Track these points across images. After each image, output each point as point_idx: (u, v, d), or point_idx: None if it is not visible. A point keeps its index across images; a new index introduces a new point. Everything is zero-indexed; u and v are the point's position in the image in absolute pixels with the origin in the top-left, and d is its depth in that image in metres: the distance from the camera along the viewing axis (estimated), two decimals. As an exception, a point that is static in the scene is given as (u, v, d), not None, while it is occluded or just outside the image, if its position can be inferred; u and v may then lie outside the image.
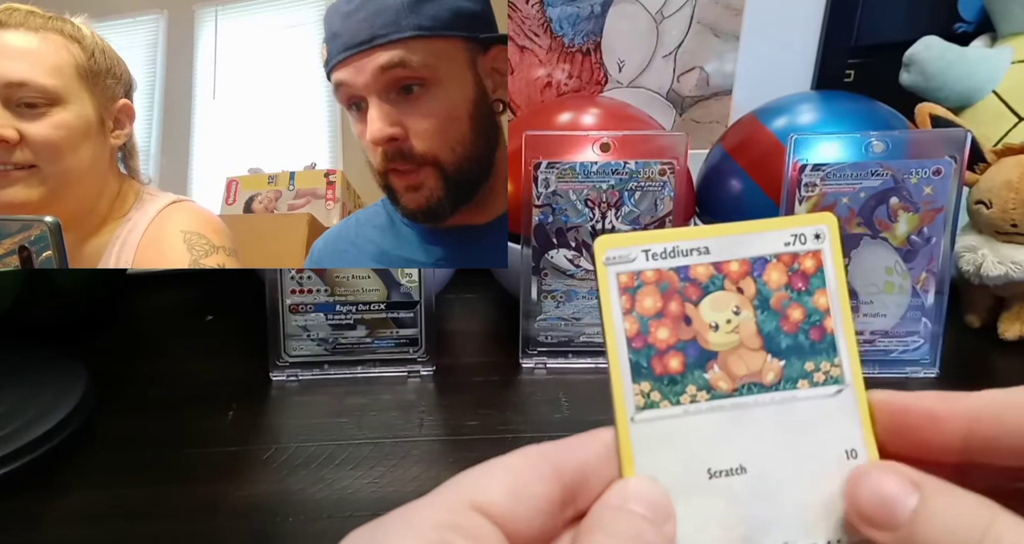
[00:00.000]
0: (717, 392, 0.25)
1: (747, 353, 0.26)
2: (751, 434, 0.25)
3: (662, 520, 0.24)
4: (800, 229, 0.26)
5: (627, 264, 0.26)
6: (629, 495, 0.24)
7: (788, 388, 0.26)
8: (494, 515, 0.23)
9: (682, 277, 0.26)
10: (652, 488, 0.25)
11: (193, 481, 0.54)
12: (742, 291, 0.26)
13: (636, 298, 0.26)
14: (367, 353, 0.67)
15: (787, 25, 0.92)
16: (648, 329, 0.26)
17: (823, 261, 0.26)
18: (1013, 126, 0.80)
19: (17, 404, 0.57)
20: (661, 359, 0.25)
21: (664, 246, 0.26)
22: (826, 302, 0.26)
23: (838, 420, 0.25)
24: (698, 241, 0.26)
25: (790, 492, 0.25)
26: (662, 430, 0.25)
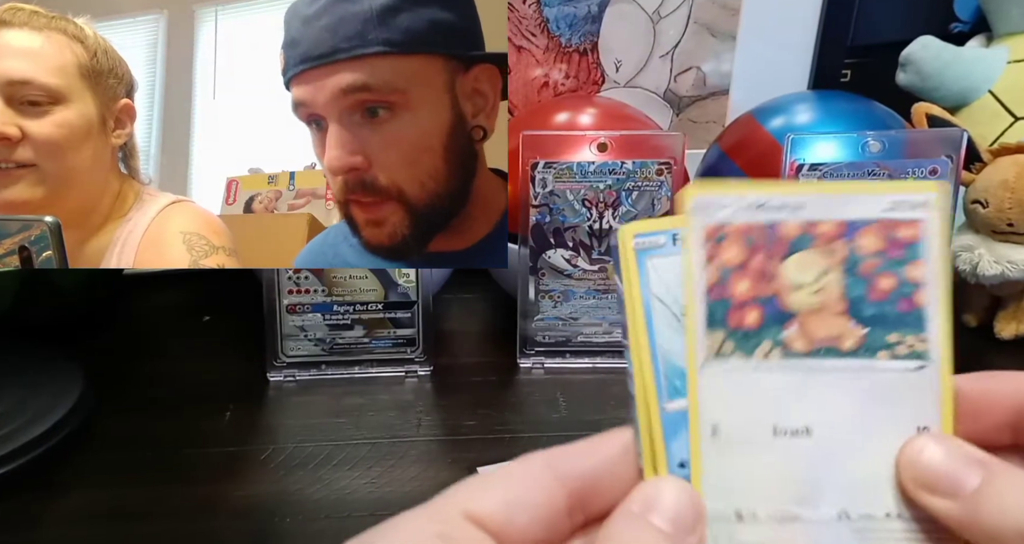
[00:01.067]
0: (792, 352, 0.25)
1: (829, 316, 0.25)
2: (822, 398, 0.25)
3: (685, 531, 0.23)
4: (904, 196, 0.25)
5: (715, 213, 0.25)
6: (652, 502, 0.23)
7: (867, 357, 0.25)
8: (488, 525, 0.23)
9: (770, 232, 0.25)
10: (679, 492, 0.24)
11: (191, 481, 0.54)
12: (831, 253, 0.25)
13: (720, 248, 0.25)
14: (365, 353, 0.67)
15: (784, 25, 0.92)
16: (728, 280, 0.25)
17: (924, 231, 0.25)
18: (1009, 126, 0.80)
19: (16, 404, 0.57)
20: (738, 311, 0.25)
21: (756, 198, 0.25)
22: (921, 274, 0.25)
23: (916, 396, 0.25)
24: (792, 197, 0.25)
25: (852, 460, 0.24)
26: (730, 382, 0.25)
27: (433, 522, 0.23)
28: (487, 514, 0.23)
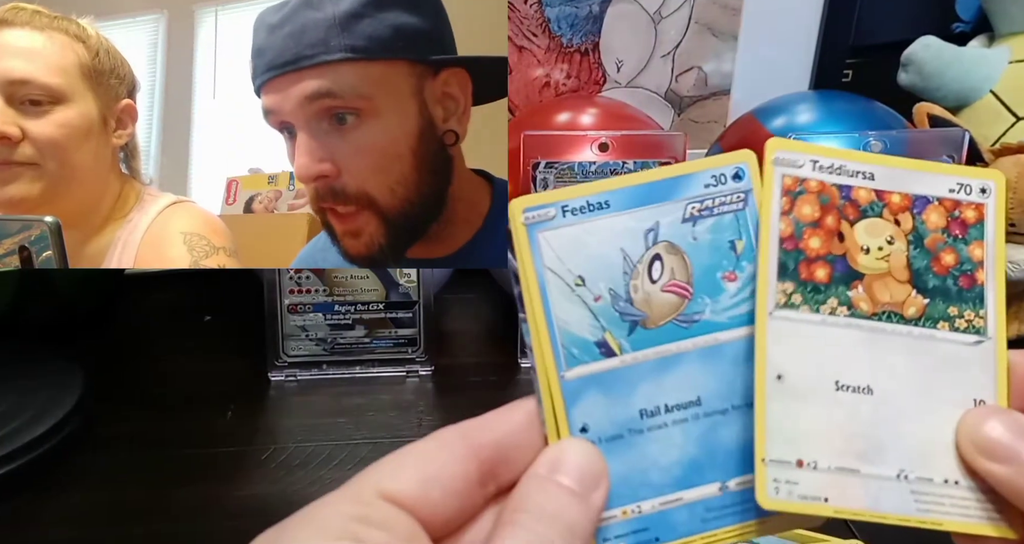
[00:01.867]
0: (857, 311, 0.26)
1: (893, 283, 0.26)
2: (883, 359, 0.26)
3: (590, 488, 0.24)
4: (968, 180, 0.27)
5: (794, 169, 0.26)
6: (557, 463, 0.24)
7: (928, 326, 0.26)
8: (404, 502, 0.23)
9: (843, 195, 0.26)
10: (582, 452, 0.24)
11: (192, 481, 0.54)
12: (899, 223, 0.26)
13: (796, 203, 0.26)
14: (365, 353, 0.67)
15: (785, 25, 0.92)
16: (802, 234, 0.26)
17: (985, 215, 0.27)
18: (1011, 126, 0.79)
19: (15, 404, 0.57)
20: (809, 265, 0.26)
21: (832, 161, 0.26)
22: (981, 254, 0.26)
23: (973, 369, 0.26)
24: (867, 165, 0.26)
25: (912, 423, 0.25)
26: (797, 332, 0.25)
27: (349, 505, 0.23)
28: (402, 491, 0.23)
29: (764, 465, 0.25)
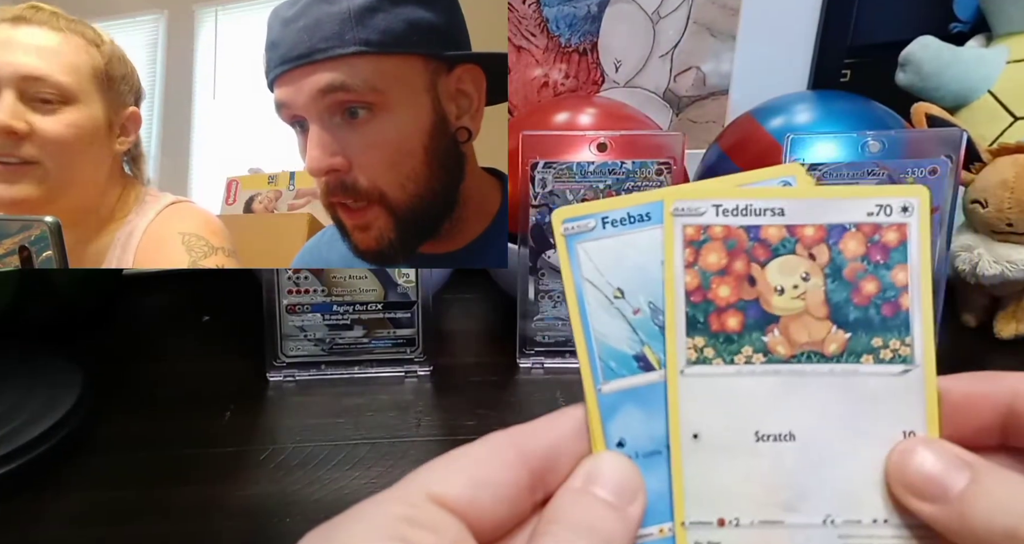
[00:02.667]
0: (774, 356, 0.25)
1: (811, 321, 0.25)
2: (805, 402, 0.25)
3: (627, 502, 0.24)
4: (887, 200, 0.25)
5: (695, 217, 0.25)
6: (593, 476, 0.24)
7: (851, 361, 0.25)
8: (453, 506, 0.23)
9: (752, 236, 0.25)
10: (619, 466, 0.24)
11: (190, 481, 0.54)
12: (814, 257, 0.25)
13: (700, 252, 0.25)
14: (364, 353, 0.67)
15: (783, 25, 0.92)
16: (709, 284, 0.25)
17: (908, 235, 0.25)
18: (1009, 125, 0.80)
19: (15, 404, 0.57)
20: (719, 316, 0.25)
21: (736, 203, 0.25)
22: (905, 278, 0.25)
23: (901, 400, 0.25)
24: (775, 201, 0.25)
25: (838, 465, 0.25)
26: (712, 386, 0.25)
27: (398, 505, 0.23)
28: (452, 495, 0.23)
29: (684, 529, 0.24)
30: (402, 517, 0.22)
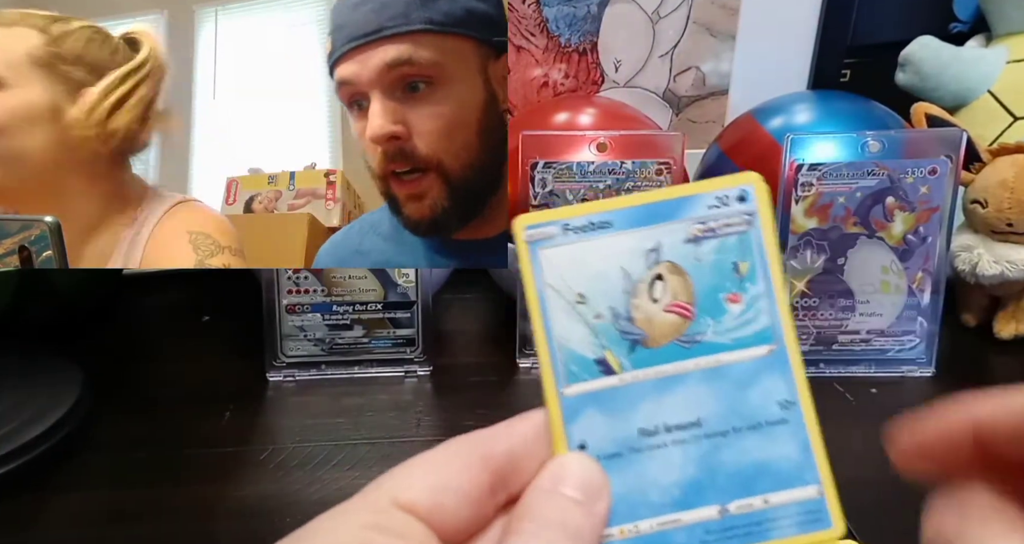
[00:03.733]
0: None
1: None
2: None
3: (594, 498, 0.24)
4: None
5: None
6: (560, 476, 0.25)
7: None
8: (419, 511, 0.23)
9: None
10: (584, 466, 0.25)
11: (190, 482, 0.54)
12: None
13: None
14: (364, 353, 0.67)
15: (783, 25, 0.92)
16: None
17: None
18: (1008, 125, 0.80)
19: (15, 404, 0.57)
20: None
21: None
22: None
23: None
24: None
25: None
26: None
27: (364, 513, 0.23)
28: (416, 500, 0.23)
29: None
30: (369, 525, 0.23)
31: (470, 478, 0.24)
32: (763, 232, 0.26)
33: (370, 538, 0.22)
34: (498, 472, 0.25)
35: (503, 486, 0.25)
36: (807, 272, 0.64)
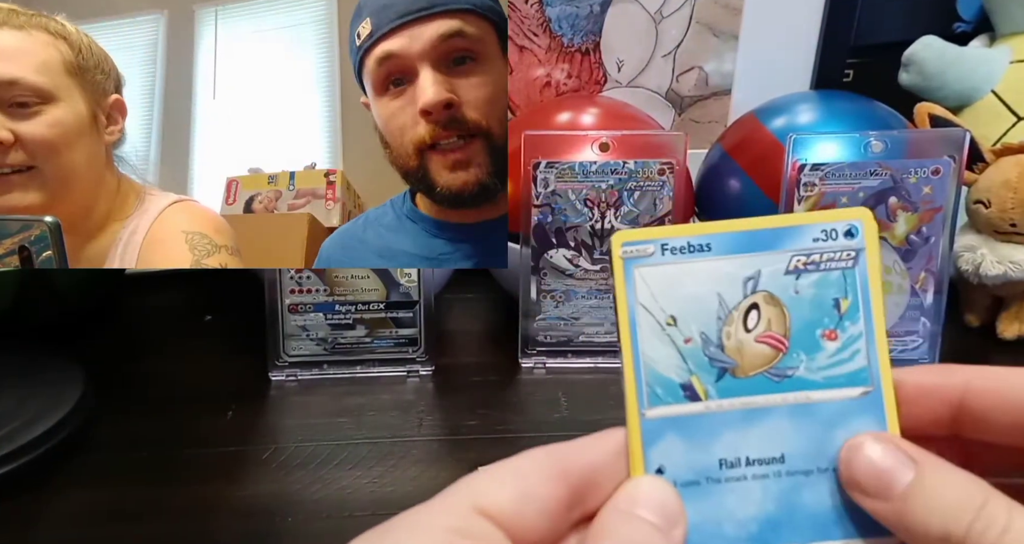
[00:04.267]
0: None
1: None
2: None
3: (671, 525, 0.24)
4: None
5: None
6: (638, 499, 0.24)
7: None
8: (500, 519, 0.23)
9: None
10: (662, 490, 0.24)
11: (192, 481, 0.54)
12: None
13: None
14: (366, 353, 0.67)
15: (786, 25, 0.92)
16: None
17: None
18: (1012, 126, 0.79)
19: (16, 404, 0.57)
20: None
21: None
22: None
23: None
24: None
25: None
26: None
27: (447, 517, 0.23)
28: (497, 508, 0.23)
29: None
30: (451, 528, 0.22)
31: (550, 490, 0.24)
32: (868, 270, 0.25)
33: (452, 541, 0.22)
34: (576, 487, 0.24)
35: (580, 502, 0.24)
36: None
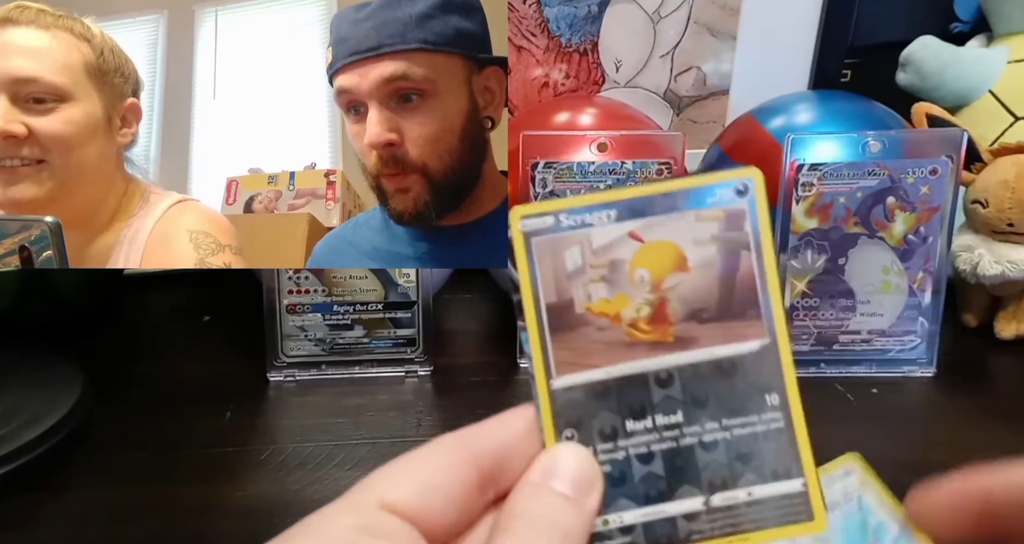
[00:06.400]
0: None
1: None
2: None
3: (585, 492, 0.24)
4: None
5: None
6: (552, 469, 0.24)
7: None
8: (405, 512, 0.23)
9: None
10: (577, 456, 0.25)
11: (190, 482, 0.54)
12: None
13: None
14: (365, 353, 0.67)
15: (784, 25, 0.92)
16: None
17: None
18: (1009, 125, 0.80)
19: (15, 404, 0.57)
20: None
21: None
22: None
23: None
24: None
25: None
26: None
27: (351, 515, 0.23)
28: (402, 502, 0.23)
29: None
30: (356, 527, 0.23)
31: (457, 477, 0.24)
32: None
33: (357, 539, 0.22)
34: (487, 469, 0.24)
35: (492, 483, 0.25)
36: (808, 272, 0.64)
